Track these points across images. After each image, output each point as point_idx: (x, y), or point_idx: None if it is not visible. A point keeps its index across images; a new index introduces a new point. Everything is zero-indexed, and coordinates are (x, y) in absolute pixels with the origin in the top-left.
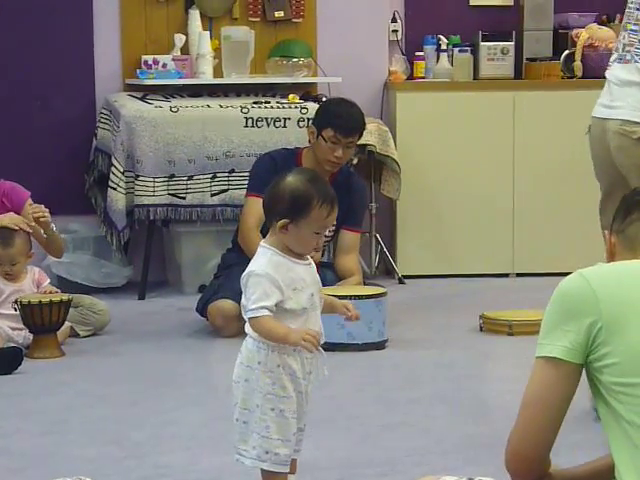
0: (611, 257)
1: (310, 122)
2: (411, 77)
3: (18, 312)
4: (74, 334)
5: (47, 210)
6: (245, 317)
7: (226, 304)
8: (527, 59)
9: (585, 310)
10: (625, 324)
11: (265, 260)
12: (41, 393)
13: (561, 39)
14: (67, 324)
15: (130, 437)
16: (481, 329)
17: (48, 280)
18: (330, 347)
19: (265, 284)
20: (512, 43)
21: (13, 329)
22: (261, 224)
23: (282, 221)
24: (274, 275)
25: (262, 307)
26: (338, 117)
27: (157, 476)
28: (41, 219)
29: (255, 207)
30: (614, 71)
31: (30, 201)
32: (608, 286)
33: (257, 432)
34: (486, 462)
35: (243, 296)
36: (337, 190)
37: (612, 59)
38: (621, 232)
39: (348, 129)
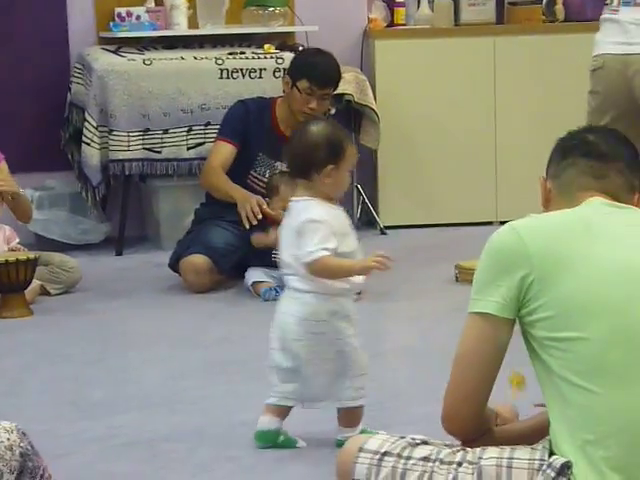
0: (546, 203)
1: (285, 72)
2: (391, 24)
3: None
4: (45, 292)
5: (3, 181)
6: (304, 262)
7: (198, 259)
8: (508, 3)
9: (517, 264)
10: (557, 277)
11: (319, 209)
12: (3, 353)
13: None
14: (37, 282)
15: (87, 397)
16: (457, 279)
17: (17, 239)
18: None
19: (324, 230)
20: None
21: None
22: (225, 169)
23: (329, 167)
24: (331, 222)
25: (324, 248)
26: (313, 68)
27: (109, 437)
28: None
29: (222, 150)
30: (626, 14)
31: (4, 163)
32: (540, 238)
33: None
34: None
35: (295, 246)
36: None
37: (614, 3)
38: (557, 177)
39: (323, 80)
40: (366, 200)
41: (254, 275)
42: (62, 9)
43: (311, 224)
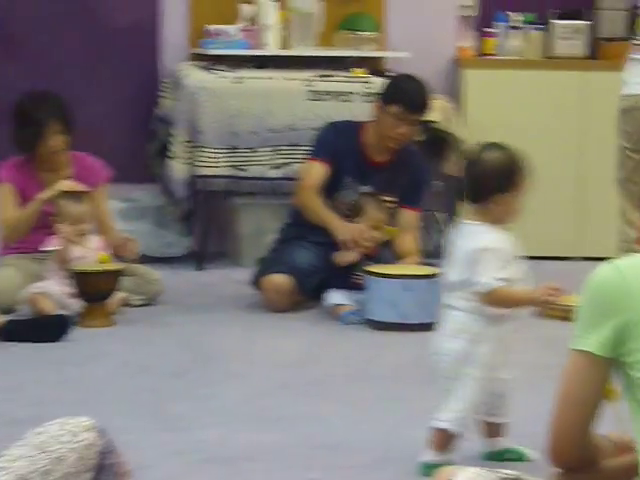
0: None
1: (377, 97)
2: (481, 54)
3: (72, 280)
4: (127, 303)
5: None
6: (478, 291)
7: (280, 278)
8: (600, 38)
9: (619, 305)
10: None
11: (492, 235)
12: (85, 362)
13: (636, 19)
14: (120, 293)
15: (168, 410)
16: (540, 314)
17: (107, 250)
18: (382, 327)
19: (497, 259)
20: (586, 22)
21: (69, 295)
22: (319, 189)
23: (504, 194)
24: (502, 249)
25: (499, 279)
26: (405, 94)
27: (191, 451)
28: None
29: (316, 170)
30: None
31: (106, 186)
32: None
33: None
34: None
35: (465, 269)
36: (399, 167)
37: None
38: None
39: (414, 106)
40: (446, 229)
41: (335, 298)
42: (156, 24)
43: (485, 253)
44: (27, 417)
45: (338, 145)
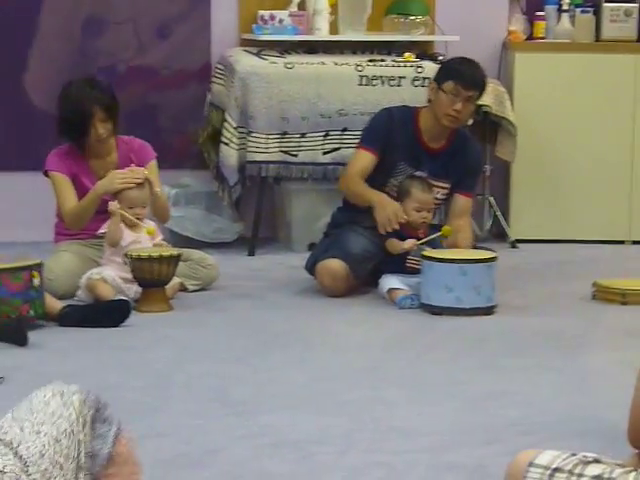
0: None
1: (431, 79)
2: (531, 37)
3: (128, 265)
4: (182, 289)
5: (142, 175)
6: None
7: (335, 264)
8: None
9: None
10: None
11: None
12: (146, 347)
13: None
14: (176, 279)
15: (233, 394)
16: (593, 297)
17: (161, 236)
18: (438, 311)
19: None
20: (636, 5)
21: (125, 281)
22: (364, 178)
23: None
24: None
25: None
26: (459, 70)
27: (259, 435)
28: (137, 178)
29: (363, 159)
30: None
31: (154, 162)
32: None
33: None
34: (592, 435)
35: None
36: (453, 153)
37: None
38: None
39: (469, 81)
40: (498, 213)
41: (389, 282)
42: (206, 9)
43: None
44: None
45: (392, 131)
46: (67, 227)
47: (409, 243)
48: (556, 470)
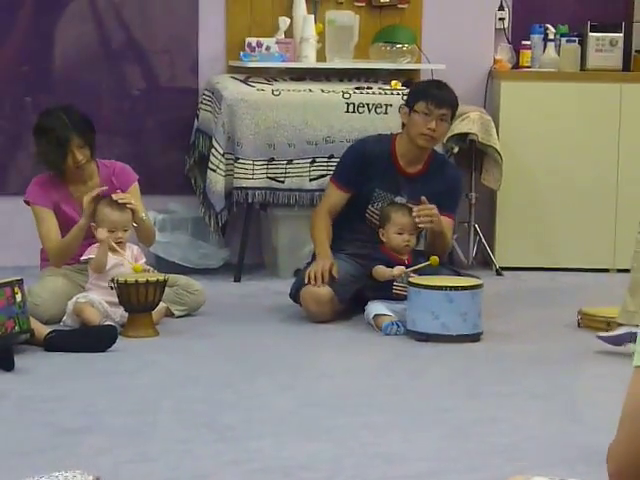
0: None
1: (403, 105)
2: (517, 66)
3: (114, 290)
4: (169, 314)
5: (131, 200)
6: None
7: (320, 289)
8: (636, 51)
9: None
10: None
11: None
12: (133, 372)
13: None
14: (163, 304)
15: (221, 420)
16: (579, 325)
17: (144, 259)
18: (424, 337)
19: None
20: (621, 34)
21: (111, 304)
22: (333, 215)
23: None
24: None
25: None
26: (428, 90)
27: (247, 460)
28: (127, 205)
29: (334, 196)
30: None
31: (136, 185)
32: None
33: None
34: (579, 462)
35: None
36: (432, 176)
37: None
38: None
39: (440, 99)
40: (483, 240)
41: (375, 308)
42: (194, 36)
43: None
44: (80, 426)
45: (366, 164)
46: (51, 264)
47: (397, 270)
48: None
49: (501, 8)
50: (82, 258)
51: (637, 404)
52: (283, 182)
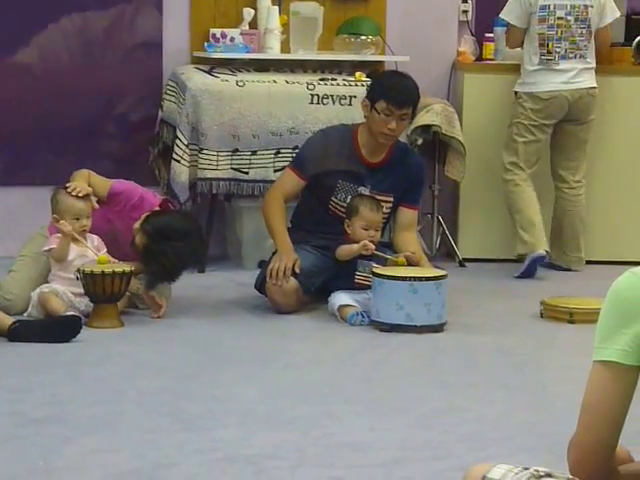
0: None
1: (364, 96)
2: (480, 58)
3: (80, 281)
4: (134, 305)
5: (84, 187)
6: None
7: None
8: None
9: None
10: None
11: None
12: (98, 363)
13: (633, 25)
14: (127, 294)
15: (186, 410)
16: (541, 315)
17: (105, 249)
18: (388, 328)
19: None
20: None
21: (75, 295)
22: (288, 200)
23: None
24: None
25: None
26: (391, 89)
27: (212, 450)
28: (83, 194)
29: (290, 181)
30: None
31: (86, 171)
32: None
33: None
34: (543, 451)
35: None
36: (394, 165)
37: None
38: None
39: (401, 101)
40: (446, 231)
41: (339, 299)
42: (158, 27)
43: None
44: (45, 416)
45: (328, 154)
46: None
47: (357, 246)
48: None
49: (465, 0)
50: (43, 249)
51: (594, 397)
52: (247, 173)
